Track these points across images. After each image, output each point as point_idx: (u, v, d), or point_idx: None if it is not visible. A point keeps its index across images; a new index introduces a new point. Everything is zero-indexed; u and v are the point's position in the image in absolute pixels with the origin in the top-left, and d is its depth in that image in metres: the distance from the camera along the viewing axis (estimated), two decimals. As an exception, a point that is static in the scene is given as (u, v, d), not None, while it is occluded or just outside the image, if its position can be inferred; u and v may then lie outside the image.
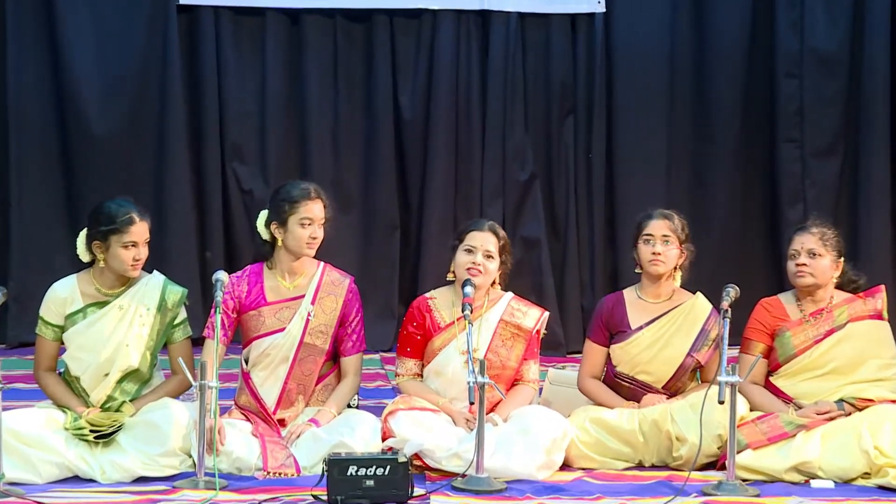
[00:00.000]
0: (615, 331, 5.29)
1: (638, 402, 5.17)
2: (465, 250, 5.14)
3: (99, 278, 5.03)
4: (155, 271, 5.15)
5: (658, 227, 5.26)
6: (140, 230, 4.95)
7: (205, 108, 7.72)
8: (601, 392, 5.26)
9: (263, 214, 5.16)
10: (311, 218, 5.06)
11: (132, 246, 4.94)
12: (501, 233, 5.20)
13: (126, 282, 5.05)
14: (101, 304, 5.02)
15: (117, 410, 4.91)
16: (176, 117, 7.66)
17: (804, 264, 5.17)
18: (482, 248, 5.12)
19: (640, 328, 5.26)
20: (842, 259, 5.25)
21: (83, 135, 7.63)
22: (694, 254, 5.33)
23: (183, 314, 5.13)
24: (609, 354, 5.31)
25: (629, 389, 5.24)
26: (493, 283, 5.20)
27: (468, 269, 5.11)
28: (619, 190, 7.88)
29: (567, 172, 7.88)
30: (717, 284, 5.12)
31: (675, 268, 5.29)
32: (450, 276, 5.21)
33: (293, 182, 5.20)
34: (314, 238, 5.07)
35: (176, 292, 5.11)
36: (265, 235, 5.15)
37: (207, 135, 7.73)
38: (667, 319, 5.27)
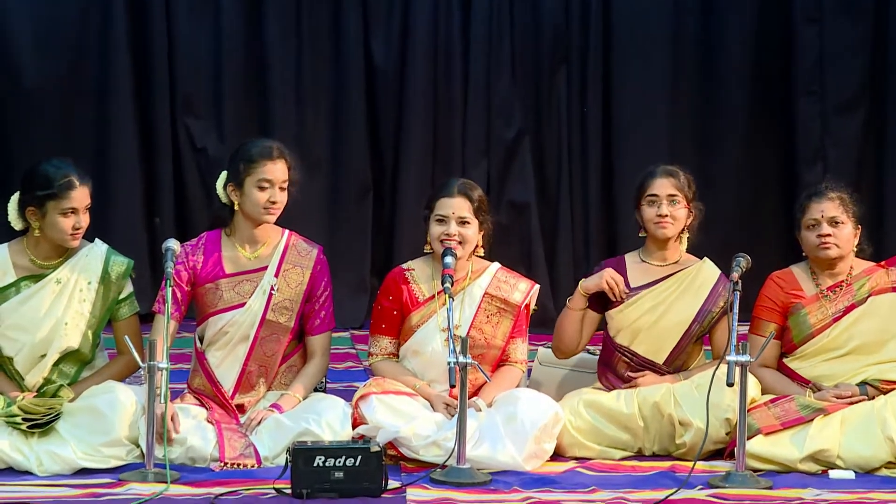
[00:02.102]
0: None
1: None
2: (437, 220, 5.14)
3: (34, 249, 5.02)
4: (97, 240, 5.14)
5: (663, 185, 5.27)
6: (80, 195, 4.94)
7: (152, 56, 7.69)
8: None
9: (223, 176, 5.16)
10: (271, 180, 5.05)
11: (72, 213, 4.93)
12: (475, 192, 5.19)
13: (64, 253, 5.04)
14: (37, 278, 5.01)
15: (54, 396, 4.91)
16: (119, 66, 7.63)
17: (829, 235, 5.18)
18: (455, 216, 5.12)
19: (641, 289, 5.28)
20: (860, 225, 5.27)
21: (13, 87, 7.59)
22: (703, 213, 5.35)
23: (129, 288, 5.13)
24: (606, 324, 5.32)
25: (627, 366, 5.27)
26: (477, 247, 5.21)
27: (442, 241, 5.11)
28: (617, 148, 7.89)
29: (559, 129, 7.88)
30: (726, 255, 5.14)
31: (683, 229, 5.31)
32: (427, 249, 5.21)
33: (255, 140, 5.20)
34: (273, 202, 5.06)
35: (121, 263, 5.10)
36: (224, 199, 5.15)
37: (155, 86, 7.70)
38: (671, 282, 5.29)
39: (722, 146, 7.95)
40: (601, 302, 5.33)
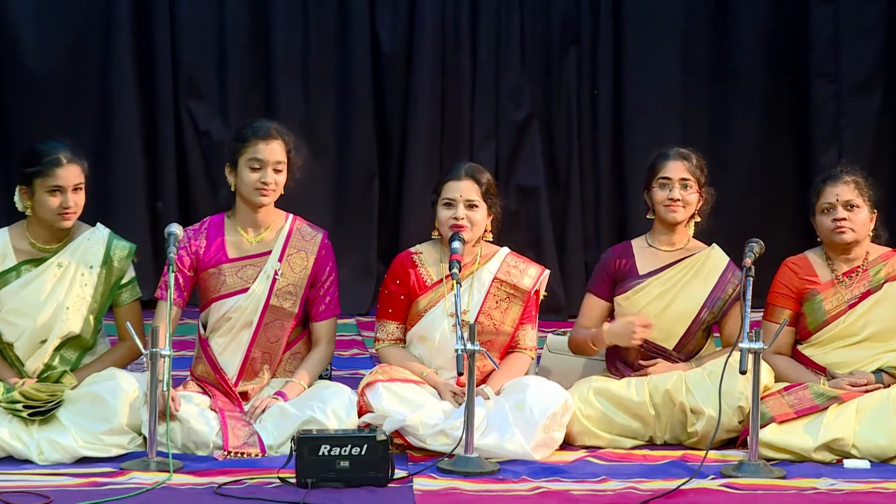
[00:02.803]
0: (622, 280, 5.30)
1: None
2: (445, 204, 5.13)
3: (33, 231, 4.99)
4: (99, 224, 5.12)
5: (676, 168, 5.25)
6: (68, 174, 4.89)
7: (155, 36, 7.67)
8: (584, 332, 5.26)
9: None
10: (262, 160, 5.02)
11: (58, 191, 4.89)
12: (483, 176, 5.17)
13: (64, 236, 5.01)
14: (38, 262, 4.99)
15: (56, 382, 4.89)
16: (121, 46, 7.61)
17: (844, 219, 5.15)
18: (463, 199, 5.11)
19: (649, 275, 5.26)
20: (875, 210, 5.24)
21: (16, 68, 7.57)
22: (715, 197, 5.32)
23: (131, 273, 5.11)
24: (613, 311, 5.31)
25: (638, 353, 5.26)
26: (485, 232, 5.20)
27: (451, 225, 5.10)
28: (629, 132, 7.88)
29: (569, 111, 7.87)
30: (738, 239, 5.12)
31: (693, 214, 5.29)
32: (434, 235, 5.20)
33: (254, 121, 5.18)
34: (265, 184, 5.03)
35: (123, 248, 5.08)
36: (230, 183, 5.13)
37: (158, 67, 7.69)
38: (679, 268, 5.28)
39: (735, 128, 7.93)
40: (612, 289, 5.30)
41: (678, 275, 5.27)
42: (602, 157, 7.88)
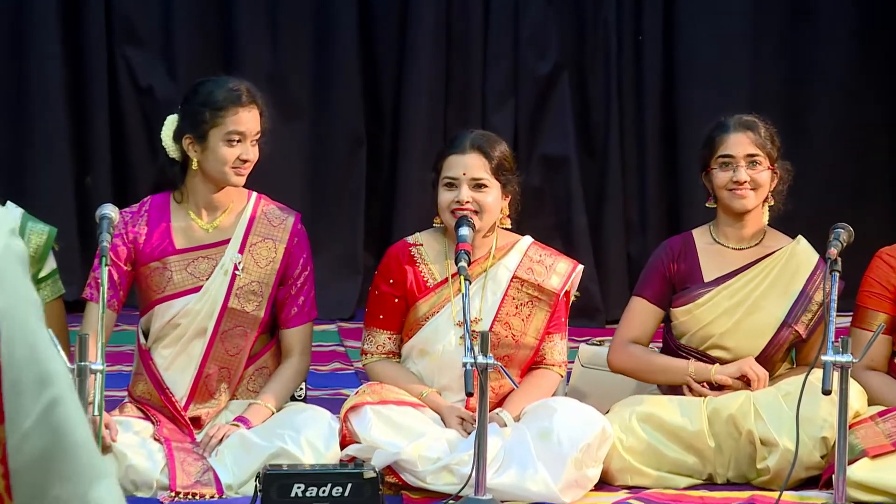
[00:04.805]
0: (681, 287, 5.31)
1: (714, 389, 5.19)
2: (445, 184, 5.13)
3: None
4: (9, 203, 5.12)
5: (739, 143, 5.25)
6: None
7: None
8: (648, 356, 5.26)
9: (172, 122, 5.13)
10: (243, 132, 5.04)
11: None
12: (495, 147, 5.17)
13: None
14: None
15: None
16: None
17: None
18: (468, 178, 5.11)
19: (717, 283, 5.27)
20: None
21: None
22: (792, 175, 5.32)
23: (51, 264, 5.12)
24: (668, 322, 5.33)
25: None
26: (502, 216, 5.20)
27: (453, 210, 5.10)
28: (682, 88, 7.89)
29: (607, 63, 7.88)
30: (819, 227, 5.13)
31: (766, 197, 5.30)
32: (437, 222, 5.21)
33: (216, 78, 5.19)
34: (245, 161, 5.06)
35: (40, 232, 5.09)
36: (174, 153, 5.13)
37: (88, 5, 7.69)
38: (755, 272, 5.29)
39: (816, 85, 7.93)
40: (668, 294, 5.30)
41: (752, 282, 5.28)
42: (648, 121, 7.89)
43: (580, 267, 5.31)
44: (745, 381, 5.14)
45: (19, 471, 1.59)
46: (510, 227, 5.26)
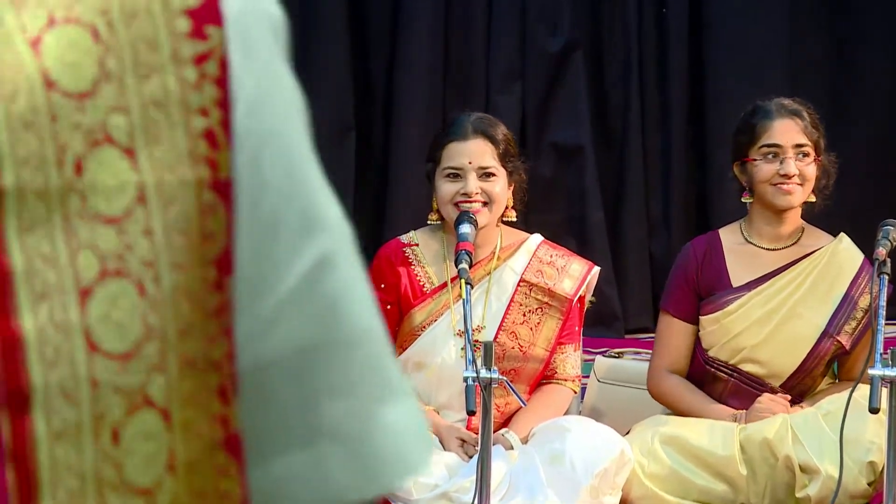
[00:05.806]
0: (707, 294, 5.31)
1: (745, 407, 5.19)
2: (447, 175, 5.15)
3: None
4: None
5: (787, 130, 5.25)
6: None
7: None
8: (687, 397, 5.28)
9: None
10: None
11: None
12: (498, 130, 5.20)
13: None
14: None
15: None
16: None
17: None
18: (474, 166, 5.13)
19: (748, 288, 5.28)
20: None
21: None
22: (837, 167, 5.33)
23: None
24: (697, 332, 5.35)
25: (727, 386, 5.29)
26: (506, 209, 5.22)
27: (457, 203, 5.12)
28: (711, 67, 7.89)
29: (627, 39, 7.87)
30: (862, 224, 5.13)
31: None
32: (433, 219, 5.23)
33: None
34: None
35: None
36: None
37: None
38: (792, 276, 5.31)
39: (862, 64, 7.93)
40: (697, 304, 5.31)
41: (789, 286, 5.29)
42: (673, 104, 7.88)
43: (596, 269, 5.32)
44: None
45: (258, 371, 1.08)
46: (515, 219, 5.27)
